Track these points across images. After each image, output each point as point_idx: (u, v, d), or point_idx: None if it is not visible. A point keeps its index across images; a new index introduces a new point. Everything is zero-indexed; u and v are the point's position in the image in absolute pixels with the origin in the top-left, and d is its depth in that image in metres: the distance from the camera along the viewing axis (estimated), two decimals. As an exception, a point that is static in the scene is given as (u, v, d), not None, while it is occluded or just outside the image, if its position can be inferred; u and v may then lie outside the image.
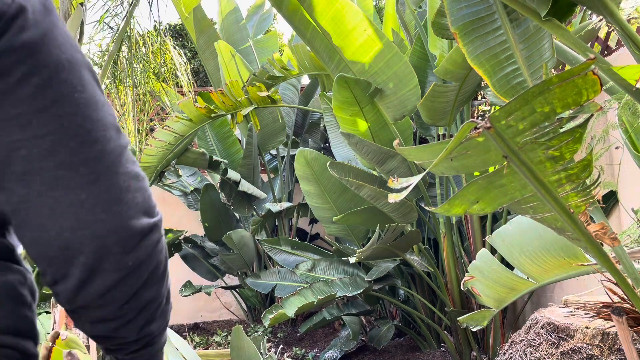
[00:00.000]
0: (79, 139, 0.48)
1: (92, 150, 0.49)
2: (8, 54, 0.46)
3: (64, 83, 0.48)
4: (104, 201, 0.49)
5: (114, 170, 0.50)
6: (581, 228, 1.23)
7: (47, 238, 0.49)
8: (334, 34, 3.01)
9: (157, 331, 0.58)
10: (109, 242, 0.49)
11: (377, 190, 3.19)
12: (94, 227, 0.49)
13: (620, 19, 1.35)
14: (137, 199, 0.52)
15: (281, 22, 13.58)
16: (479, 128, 1.02)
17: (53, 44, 0.49)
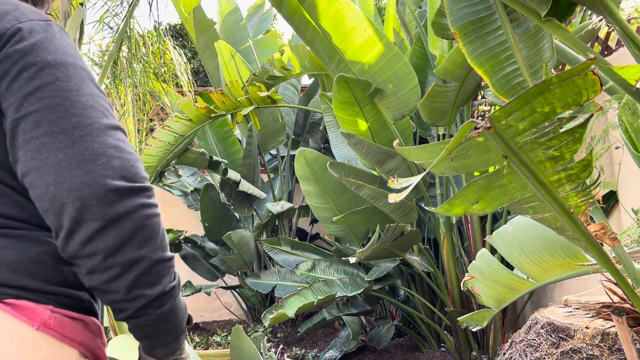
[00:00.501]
0: (59, 114, 0.60)
1: (69, 122, 0.60)
2: (7, 59, 0.61)
3: (47, 75, 0.61)
4: (78, 161, 0.59)
5: (90, 139, 0.60)
6: (581, 228, 1.23)
7: (40, 193, 0.59)
8: (334, 34, 3.01)
9: (154, 297, 0.63)
10: (85, 194, 0.58)
11: (377, 190, 3.19)
12: (70, 182, 0.58)
13: (620, 19, 1.35)
14: (113, 163, 0.60)
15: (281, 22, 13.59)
16: (479, 128, 1.02)
17: (42, 50, 0.63)
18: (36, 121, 0.59)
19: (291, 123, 5.34)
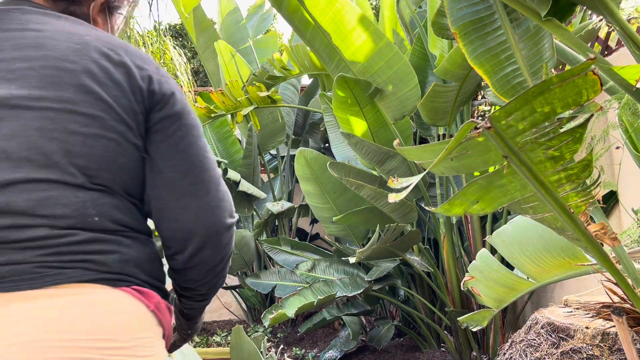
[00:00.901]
0: (199, 169, 0.82)
1: (205, 175, 0.82)
2: (168, 118, 0.80)
3: (192, 137, 0.82)
4: (211, 207, 0.82)
5: (215, 188, 0.83)
6: (581, 228, 1.23)
7: (177, 227, 0.80)
8: (334, 34, 3.01)
9: (212, 295, 0.92)
10: (212, 231, 0.81)
11: (377, 190, 3.19)
12: (204, 221, 0.81)
13: (620, 19, 1.35)
14: (227, 205, 0.84)
15: (281, 22, 13.59)
16: (479, 128, 1.02)
17: (188, 113, 0.83)
18: (184, 173, 0.81)
19: (291, 123, 5.34)
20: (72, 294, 0.68)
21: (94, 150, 0.73)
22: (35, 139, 0.70)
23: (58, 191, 0.70)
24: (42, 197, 0.69)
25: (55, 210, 0.69)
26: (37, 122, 0.70)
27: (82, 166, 0.72)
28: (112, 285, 0.72)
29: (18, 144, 0.69)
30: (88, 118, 0.73)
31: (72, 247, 0.69)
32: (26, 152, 0.69)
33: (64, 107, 0.72)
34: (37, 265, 0.67)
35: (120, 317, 0.71)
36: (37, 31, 0.76)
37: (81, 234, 0.70)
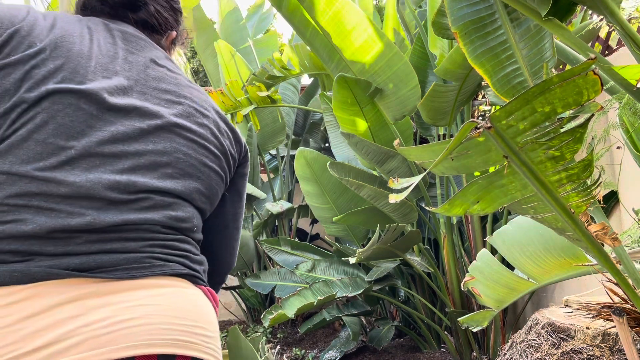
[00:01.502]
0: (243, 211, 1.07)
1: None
2: (242, 177, 1.03)
3: (246, 186, 1.05)
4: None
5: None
6: (582, 228, 1.23)
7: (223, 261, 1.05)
8: (334, 34, 3.01)
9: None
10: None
11: (377, 190, 3.18)
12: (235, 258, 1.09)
13: (620, 19, 1.35)
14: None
15: (281, 22, 13.56)
16: (479, 128, 1.02)
17: (248, 166, 1.03)
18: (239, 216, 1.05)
19: (291, 123, 5.33)
20: (174, 285, 0.79)
21: (211, 182, 0.90)
22: (181, 161, 0.86)
23: (183, 205, 0.86)
24: (170, 205, 0.83)
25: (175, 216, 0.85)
26: (185, 149, 0.86)
27: (201, 191, 0.88)
28: (194, 283, 0.83)
29: (167, 160, 0.84)
30: (215, 157, 0.91)
31: (175, 243, 0.82)
32: (171, 169, 0.84)
33: (203, 144, 0.89)
34: (147, 256, 0.77)
35: (206, 310, 0.83)
36: (174, 73, 0.93)
37: (183, 236, 0.84)
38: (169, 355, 0.72)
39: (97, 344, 0.67)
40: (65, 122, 0.76)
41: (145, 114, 0.83)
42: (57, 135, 0.75)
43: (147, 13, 0.97)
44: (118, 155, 0.79)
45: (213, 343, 0.81)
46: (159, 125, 0.84)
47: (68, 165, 0.75)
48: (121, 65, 0.86)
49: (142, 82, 0.86)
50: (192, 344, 0.76)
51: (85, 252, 0.73)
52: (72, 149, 0.76)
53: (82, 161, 0.76)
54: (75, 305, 0.69)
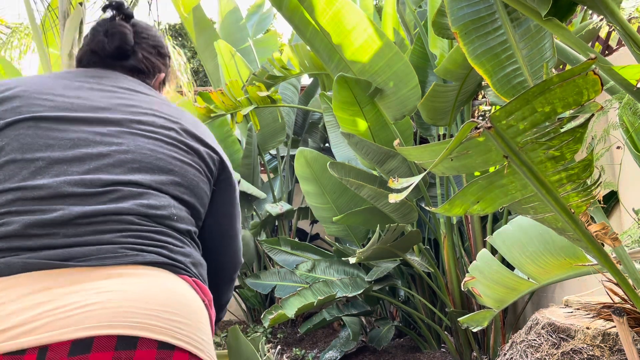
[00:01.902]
0: (238, 218, 1.11)
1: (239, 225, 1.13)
2: (224, 181, 1.06)
3: (236, 191, 1.09)
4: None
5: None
6: (582, 228, 1.23)
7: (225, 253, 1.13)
8: (334, 34, 3.01)
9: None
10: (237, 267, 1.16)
11: (377, 190, 3.18)
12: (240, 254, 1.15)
13: (621, 19, 1.35)
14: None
15: (281, 22, 13.57)
16: (479, 128, 1.02)
17: (233, 177, 1.07)
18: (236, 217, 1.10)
19: (291, 123, 5.33)
20: (147, 274, 0.81)
21: (186, 173, 0.94)
22: (147, 156, 0.91)
23: (155, 194, 0.89)
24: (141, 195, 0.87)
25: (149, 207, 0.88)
26: (150, 146, 0.93)
27: (176, 182, 0.92)
28: (176, 273, 0.86)
29: (132, 157, 0.90)
30: (185, 152, 0.96)
31: (150, 234, 0.85)
32: (137, 163, 0.90)
33: (169, 142, 0.95)
34: (120, 246, 0.82)
35: (185, 299, 0.83)
36: (146, 95, 1.04)
37: (160, 228, 0.87)
38: (129, 336, 0.74)
39: (60, 326, 0.72)
40: (27, 141, 0.88)
41: (107, 122, 0.93)
42: (24, 152, 0.87)
43: (136, 60, 1.12)
44: (82, 158, 0.88)
45: (189, 330, 0.80)
46: (121, 130, 0.93)
47: (39, 174, 0.85)
48: (85, 92, 0.98)
49: (107, 101, 0.97)
50: (157, 327, 0.76)
51: (61, 245, 0.80)
52: (39, 160, 0.86)
53: (50, 169, 0.86)
54: (46, 292, 0.75)
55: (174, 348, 0.77)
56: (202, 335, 0.84)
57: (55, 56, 3.36)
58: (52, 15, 3.07)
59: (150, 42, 1.15)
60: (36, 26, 3.04)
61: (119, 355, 0.72)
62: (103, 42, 1.09)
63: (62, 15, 2.91)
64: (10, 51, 5.53)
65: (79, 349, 0.71)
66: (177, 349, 0.77)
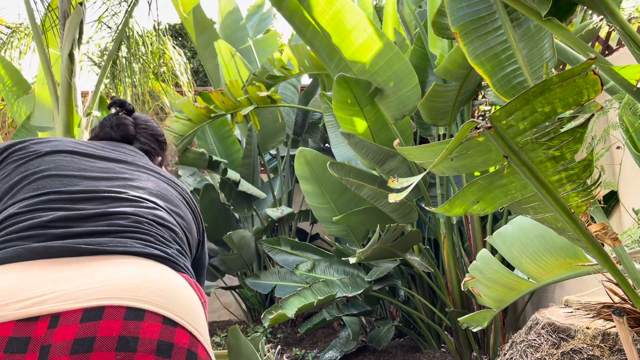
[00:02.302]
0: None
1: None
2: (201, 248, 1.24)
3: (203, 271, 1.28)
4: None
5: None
6: (582, 228, 1.23)
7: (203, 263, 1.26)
8: (334, 34, 3.01)
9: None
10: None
11: (377, 190, 3.18)
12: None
13: (621, 19, 1.35)
14: None
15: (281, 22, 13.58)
16: (479, 128, 1.02)
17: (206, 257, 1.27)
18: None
19: (291, 123, 5.33)
20: (152, 265, 0.89)
21: (187, 214, 1.11)
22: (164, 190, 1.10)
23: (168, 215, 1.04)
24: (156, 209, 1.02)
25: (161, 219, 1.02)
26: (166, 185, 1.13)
27: (180, 215, 1.08)
28: (177, 270, 0.93)
29: (152, 186, 1.08)
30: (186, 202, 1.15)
31: (159, 237, 0.96)
32: (155, 191, 1.07)
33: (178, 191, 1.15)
34: (131, 239, 0.91)
35: (185, 292, 0.89)
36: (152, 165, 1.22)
37: (168, 236, 0.98)
38: (138, 308, 0.79)
39: (73, 297, 0.78)
40: (63, 164, 1.05)
41: (131, 164, 1.14)
42: (61, 170, 1.04)
43: (139, 144, 1.33)
44: (110, 179, 1.04)
45: (190, 315, 0.86)
46: (143, 171, 1.13)
47: (71, 185, 1.01)
48: (107, 151, 1.16)
49: (126, 156, 1.17)
50: (163, 305, 0.82)
51: (80, 234, 0.90)
52: (73, 177, 1.03)
53: (82, 182, 1.02)
54: (62, 274, 0.82)
55: (176, 325, 0.81)
56: (202, 324, 0.89)
57: (55, 56, 3.36)
58: (52, 15, 3.07)
59: (149, 132, 1.38)
60: (36, 26, 3.04)
61: (127, 324, 0.77)
62: (110, 133, 1.31)
63: (62, 15, 2.91)
64: (10, 51, 5.53)
65: (91, 316, 0.76)
66: (179, 327, 0.82)
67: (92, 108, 3.25)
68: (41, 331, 0.74)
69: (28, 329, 0.74)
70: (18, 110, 4.41)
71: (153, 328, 0.78)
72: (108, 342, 0.74)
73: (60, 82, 3.05)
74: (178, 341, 0.80)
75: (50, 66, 3.09)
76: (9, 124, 5.88)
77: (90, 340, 0.74)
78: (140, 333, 0.77)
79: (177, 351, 0.79)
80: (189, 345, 0.81)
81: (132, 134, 1.32)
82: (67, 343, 0.73)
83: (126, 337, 0.76)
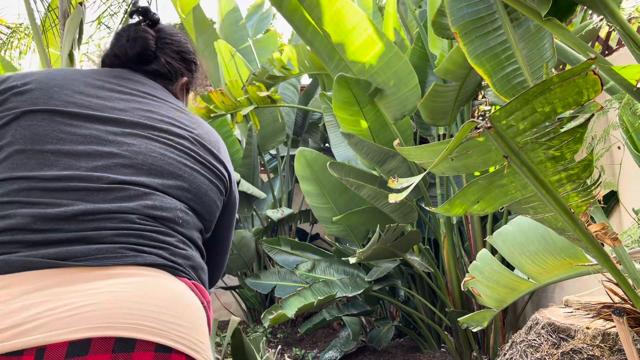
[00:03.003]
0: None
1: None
2: (228, 196, 1.08)
3: (237, 206, 1.13)
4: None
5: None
6: (582, 228, 1.23)
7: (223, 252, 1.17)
8: (334, 34, 3.01)
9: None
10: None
11: (377, 190, 3.18)
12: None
13: (620, 19, 1.35)
14: None
15: (281, 22, 13.58)
16: (479, 128, 1.02)
17: (236, 192, 1.12)
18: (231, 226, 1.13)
19: (291, 123, 5.33)
20: (146, 275, 0.81)
21: (195, 180, 0.95)
22: (158, 159, 0.93)
23: (161, 196, 0.90)
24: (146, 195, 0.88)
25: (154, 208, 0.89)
26: (161, 150, 0.94)
27: (183, 187, 0.93)
28: (175, 275, 0.85)
29: (142, 159, 0.91)
30: (196, 161, 0.97)
31: (152, 234, 0.85)
32: (147, 166, 0.91)
33: (181, 149, 0.96)
34: (120, 246, 0.82)
35: (185, 301, 0.83)
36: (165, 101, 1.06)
37: (163, 229, 0.87)
38: (127, 338, 0.74)
39: (57, 326, 0.72)
40: (38, 132, 0.89)
41: (122, 123, 0.95)
42: (34, 143, 0.88)
43: (159, 64, 1.13)
44: (92, 155, 0.89)
45: (187, 333, 0.80)
46: (134, 133, 0.94)
47: (46, 165, 0.86)
48: (105, 92, 0.99)
49: (124, 104, 0.99)
50: (155, 329, 0.77)
51: (62, 241, 0.80)
52: (48, 152, 0.87)
53: (58, 161, 0.87)
54: (44, 292, 0.76)
55: (171, 351, 0.77)
56: (200, 337, 0.83)
57: (55, 56, 3.36)
58: (52, 15, 3.07)
59: (174, 48, 1.16)
60: (36, 26, 3.04)
61: (116, 357, 0.72)
62: (125, 46, 1.11)
63: (62, 15, 2.91)
64: (10, 51, 5.53)
65: (77, 350, 0.72)
66: (174, 351, 0.77)
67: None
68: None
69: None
70: (18, 110, 4.40)
71: (144, 358, 0.75)
72: None
73: (60, 82, 3.04)
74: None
75: (50, 66, 3.09)
76: (9, 124, 5.87)
77: None
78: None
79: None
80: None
81: (151, 50, 1.12)
82: None
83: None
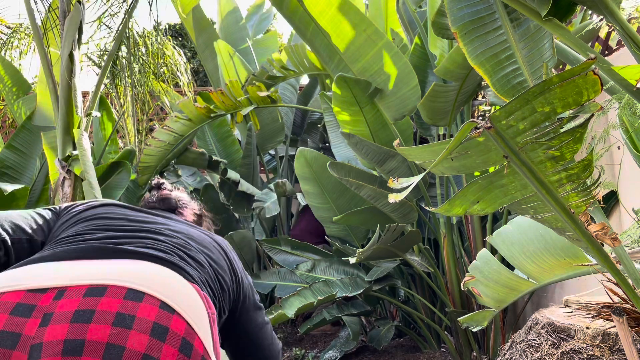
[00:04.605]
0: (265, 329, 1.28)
1: None
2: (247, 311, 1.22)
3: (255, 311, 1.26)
4: None
5: None
6: (582, 228, 1.23)
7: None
8: (334, 34, 3.01)
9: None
10: None
11: (377, 190, 3.18)
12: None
13: (620, 19, 1.35)
14: None
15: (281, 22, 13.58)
16: (479, 128, 1.02)
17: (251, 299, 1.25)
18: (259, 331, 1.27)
19: (289, 123, 5.33)
20: (167, 270, 0.96)
21: (221, 262, 1.14)
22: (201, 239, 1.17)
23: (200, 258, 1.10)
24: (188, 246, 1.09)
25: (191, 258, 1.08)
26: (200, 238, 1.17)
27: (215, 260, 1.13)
28: (189, 281, 0.97)
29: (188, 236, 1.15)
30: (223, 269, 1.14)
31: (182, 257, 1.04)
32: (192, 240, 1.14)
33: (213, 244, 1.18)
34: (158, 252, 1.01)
35: (187, 291, 0.93)
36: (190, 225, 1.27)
37: (191, 262, 1.04)
38: (138, 290, 0.85)
39: (80, 277, 0.87)
40: (108, 212, 1.18)
41: (170, 219, 1.23)
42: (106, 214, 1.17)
43: (183, 216, 1.44)
44: (151, 223, 1.16)
45: (190, 310, 0.89)
46: (181, 227, 1.19)
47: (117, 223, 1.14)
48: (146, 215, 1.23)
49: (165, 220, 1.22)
50: (163, 293, 0.87)
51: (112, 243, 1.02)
52: (118, 219, 1.14)
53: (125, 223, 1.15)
54: (81, 265, 0.92)
55: (173, 312, 0.85)
56: (204, 323, 0.91)
57: (55, 56, 3.36)
58: (52, 15, 3.07)
59: (189, 209, 1.50)
60: (36, 26, 3.04)
61: (126, 302, 0.83)
62: (155, 205, 1.45)
63: (62, 15, 2.90)
64: (10, 51, 5.53)
65: (94, 292, 0.83)
66: (176, 314, 0.85)
67: (92, 108, 3.25)
68: (47, 301, 0.81)
69: (35, 298, 0.82)
70: (18, 111, 4.41)
71: (150, 310, 0.83)
72: (106, 316, 0.80)
73: (60, 82, 3.05)
74: (174, 327, 0.83)
75: (50, 66, 3.09)
76: (9, 124, 5.88)
77: (90, 312, 0.80)
78: (138, 312, 0.82)
79: (172, 336, 0.82)
80: (185, 333, 0.84)
81: (174, 207, 1.46)
82: (68, 313, 0.79)
83: (123, 314, 0.81)
